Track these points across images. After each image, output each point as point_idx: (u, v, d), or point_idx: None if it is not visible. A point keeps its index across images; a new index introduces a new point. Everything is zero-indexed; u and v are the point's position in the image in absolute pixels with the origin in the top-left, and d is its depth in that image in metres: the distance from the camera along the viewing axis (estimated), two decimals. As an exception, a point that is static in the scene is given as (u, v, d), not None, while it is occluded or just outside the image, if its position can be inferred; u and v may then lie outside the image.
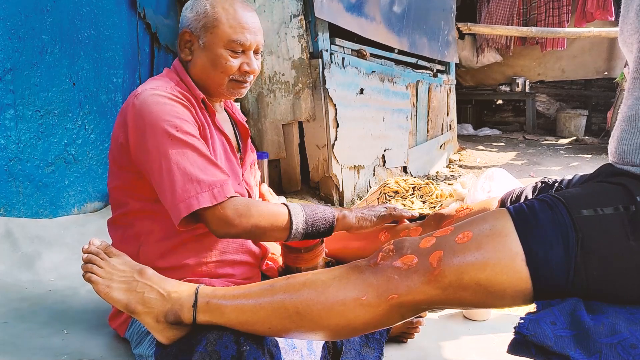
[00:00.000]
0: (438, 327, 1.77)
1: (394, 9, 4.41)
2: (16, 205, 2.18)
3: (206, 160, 1.21)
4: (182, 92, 1.30)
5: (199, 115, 1.31)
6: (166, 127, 1.20)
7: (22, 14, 2.15)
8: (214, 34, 1.32)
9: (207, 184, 1.18)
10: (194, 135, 1.23)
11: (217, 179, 1.19)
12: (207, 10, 1.32)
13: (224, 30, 1.32)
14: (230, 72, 1.34)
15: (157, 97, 1.24)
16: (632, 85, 1.04)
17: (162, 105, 1.23)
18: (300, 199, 3.42)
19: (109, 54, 2.58)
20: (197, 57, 1.35)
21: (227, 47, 1.32)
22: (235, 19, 1.33)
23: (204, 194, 1.17)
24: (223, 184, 1.19)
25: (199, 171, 1.19)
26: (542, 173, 5.64)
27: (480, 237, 0.97)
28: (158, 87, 1.28)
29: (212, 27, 1.32)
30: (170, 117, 1.21)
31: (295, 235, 1.26)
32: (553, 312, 0.89)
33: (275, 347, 1.11)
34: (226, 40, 1.32)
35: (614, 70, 8.50)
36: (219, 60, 1.33)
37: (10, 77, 2.12)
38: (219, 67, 1.33)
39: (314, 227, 1.28)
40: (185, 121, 1.23)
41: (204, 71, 1.35)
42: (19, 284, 1.83)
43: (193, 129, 1.24)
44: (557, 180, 1.34)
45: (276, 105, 3.40)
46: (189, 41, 1.36)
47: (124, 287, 1.11)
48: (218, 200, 1.17)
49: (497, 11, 8.30)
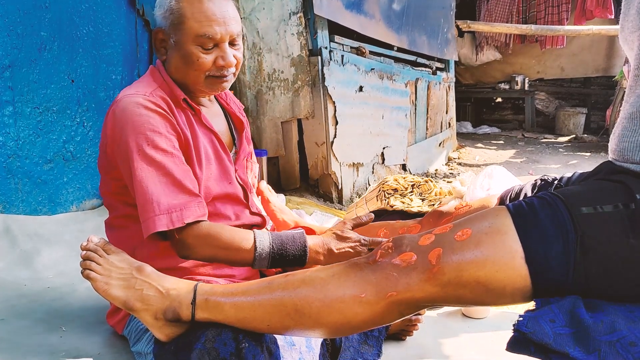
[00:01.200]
0: (437, 324, 1.77)
1: (394, 7, 4.41)
2: (15, 202, 2.18)
3: (170, 180, 1.18)
4: (163, 97, 1.27)
5: (178, 120, 1.28)
6: (138, 141, 1.19)
7: (21, 11, 2.14)
8: (181, 30, 1.25)
9: (166, 207, 1.15)
10: (165, 150, 1.20)
11: (178, 202, 1.16)
12: (172, 6, 1.26)
13: (190, 26, 1.24)
14: (205, 69, 1.28)
15: (135, 106, 1.22)
16: (634, 82, 1.03)
17: (138, 117, 1.21)
18: (299, 197, 3.42)
19: (108, 51, 2.57)
20: (171, 56, 1.31)
21: (197, 42, 1.25)
22: (201, 11, 1.25)
23: (161, 216, 1.15)
24: (184, 207, 1.17)
25: (161, 192, 1.16)
26: (541, 171, 5.64)
27: (480, 235, 0.97)
28: (138, 93, 1.25)
29: (179, 24, 1.25)
30: (143, 130, 1.20)
31: (259, 265, 1.22)
32: (552, 309, 0.89)
33: (274, 344, 1.11)
34: (194, 35, 1.25)
35: (613, 68, 8.50)
36: (191, 58, 1.26)
37: (9, 74, 2.11)
38: (192, 65, 1.27)
39: (281, 258, 1.22)
40: (158, 134, 1.20)
41: (178, 70, 1.31)
42: (18, 281, 1.83)
43: (166, 143, 1.21)
44: (557, 177, 1.34)
45: (275, 102, 3.39)
46: (163, 40, 1.31)
47: (123, 284, 1.11)
48: (175, 225, 1.15)
49: (497, 9, 8.29)
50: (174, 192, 1.17)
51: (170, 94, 1.32)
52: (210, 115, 1.42)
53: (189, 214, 1.17)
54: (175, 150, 1.23)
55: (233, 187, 1.39)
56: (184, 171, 1.22)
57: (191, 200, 1.19)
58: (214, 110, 1.46)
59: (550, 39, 7.86)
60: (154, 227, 1.15)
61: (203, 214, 1.22)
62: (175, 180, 1.19)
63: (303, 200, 3.35)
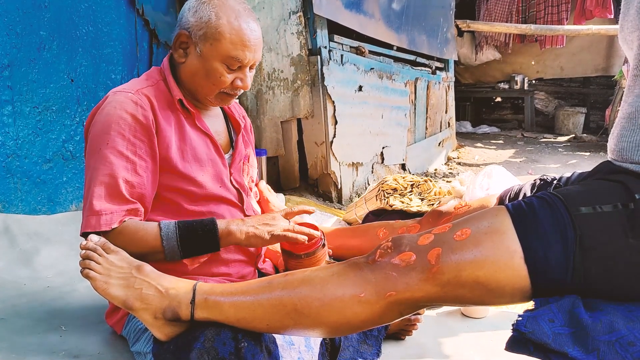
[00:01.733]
0: (436, 324, 1.77)
1: (393, 6, 4.41)
2: (14, 202, 2.18)
3: (113, 183, 1.20)
4: (149, 96, 1.29)
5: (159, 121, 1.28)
6: (100, 141, 1.22)
7: (20, 10, 2.14)
8: (213, 46, 1.28)
9: (98, 209, 1.19)
10: (121, 153, 1.22)
11: (110, 207, 1.19)
12: (211, 20, 1.27)
13: (224, 45, 1.27)
14: (222, 86, 1.32)
15: (113, 105, 1.25)
16: (632, 82, 1.03)
17: (110, 116, 1.24)
18: (298, 196, 3.42)
19: (108, 50, 2.57)
20: (190, 62, 1.32)
21: (225, 62, 1.29)
22: (238, 35, 1.28)
23: (91, 217, 1.19)
24: (114, 212, 1.20)
25: (100, 193, 1.20)
26: (540, 170, 5.64)
27: (479, 235, 0.97)
28: (123, 90, 1.28)
29: (212, 39, 1.28)
30: (109, 130, 1.23)
31: (170, 253, 1.22)
32: (551, 309, 0.89)
33: (273, 343, 1.11)
34: (225, 55, 1.28)
35: (612, 68, 8.50)
36: (214, 73, 1.30)
37: (8, 73, 2.11)
38: (211, 79, 1.31)
39: (191, 243, 1.23)
40: (121, 136, 1.23)
41: (194, 78, 1.33)
42: (17, 280, 1.83)
43: (126, 147, 1.23)
44: (556, 177, 1.34)
45: (275, 102, 3.39)
46: (185, 43, 1.32)
47: (122, 283, 1.11)
48: (102, 228, 1.18)
49: (496, 8, 8.29)
50: (111, 195, 1.20)
51: (166, 94, 1.33)
52: (208, 117, 1.43)
53: (117, 219, 1.20)
54: (133, 155, 1.24)
55: (226, 190, 1.39)
56: (130, 177, 1.23)
57: (123, 208, 1.21)
58: (212, 111, 1.46)
59: (549, 39, 7.86)
60: (83, 227, 1.20)
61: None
62: (117, 184, 1.21)
63: (302, 199, 3.35)
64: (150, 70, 1.40)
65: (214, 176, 1.37)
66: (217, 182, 1.37)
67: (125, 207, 1.21)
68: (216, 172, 1.37)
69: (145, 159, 1.26)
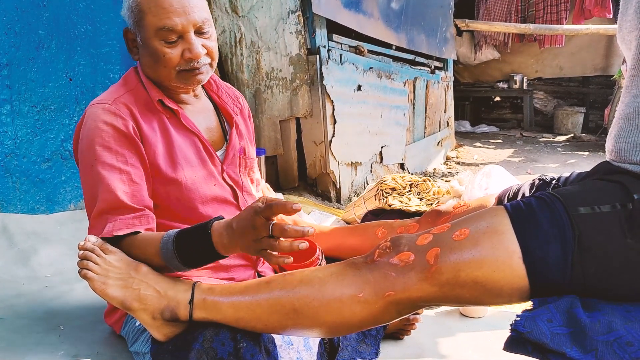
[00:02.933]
0: (435, 324, 1.77)
1: (392, 5, 4.41)
2: (12, 201, 2.18)
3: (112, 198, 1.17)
4: (127, 104, 1.24)
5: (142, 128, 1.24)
6: (89, 158, 1.21)
7: (19, 9, 2.14)
8: (143, 27, 1.20)
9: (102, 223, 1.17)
10: (113, 166, 1.19)
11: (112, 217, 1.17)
12: (131, 3, 1.22)
13: (149, 21, 1.19)
14: (173, 64, 1.22)
15: (92, 119, 1.22)
16: (630, 82, 1.03)
17: (92, 131, 1.21)
18: (297, 196, 3.42)
19: (106, 49, 2.57)
20: (141, 56, 1.27)
21: (159, 37, 1.20)
22: (157, 4, 1.18)
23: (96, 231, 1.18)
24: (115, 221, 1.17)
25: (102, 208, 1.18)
26: (539, 170, 5.65)
27: (477, 235, 0.97)
28: (101, 102, 1.25)
29: (140, 20, 1.21)
30: (94, 145, 1.20)
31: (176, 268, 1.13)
32: (549, 309, 0.89)
33: (272, 343, 1.11)
34: (154, 30, 1.19)
35: (611, 67, 8.51)
36: (157, 54, 1.21)
37: (7, 72, 2.11)
38: (160, 62, 1.22)
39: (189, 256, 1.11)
40: (107, 149, 1.20)
41: (150, 69, 1.26)
42: (15, 280, 1.83)
43: (115, 159, 1.20)
44: (555, 177, 1.34)
45: (273, 101, 3.39)
46: (133, 40, 1.27)
47: (120, 283, 1.11)
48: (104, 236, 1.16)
49: (495, 8, 8.29)
50: (115, 209, 1.18)
51: (145, 97, 1.28)
52: (196, 113, 1.37)
53: (122, 226, 1.16)
54: (124, 165, 1.21)
55: (220, 188, 1.35)
56: (127, 187, 1.20)
57: (129, 216, 1.18)
58: (200, 106, 1.40)
59: (548, 38, 7.86)
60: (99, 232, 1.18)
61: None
62: (116, 198, 1.18)
63: (301, 199, 3.35)
64: (128, 73, 1.33)
65: (206, 176, 1.32)
66: (211, 181, 1.33)
67: (131, 215, 1.18)
68: (208, 172, 1.33)
69: (137, 166, 1.23)
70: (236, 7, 3.15)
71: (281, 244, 1.02)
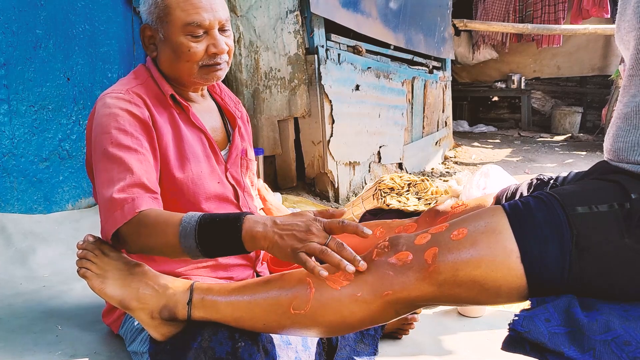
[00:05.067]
0: (433, 323, 1.77)
1: (390, 5, 4.41)
2: (10, 201, 2.17)
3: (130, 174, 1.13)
4: (140, 94, 1.26)
5: (156, 118, 1.25)
6: (104, 142, 1.17)
7: (16, 8, 2.13)
8: (169, 22, 1.24)
9: (120, 201, 1.10)
10: (129, 147, 1.17)
11: (131, 196, 1.10)
12: (157, 0, 1.26)
13: (177, 16, 1.23)
14: (197, 58, 1.26)
15: (106, 106, 1.21)
16: (628, 82, 1.04)
17: (106, 116, 1.20)
18: (295, 195, 3.42)
19: (104, 48, 2.57)
20: (161, 52, 1.30)
21: (186, 32, 1.24)
22: (186, 0, 1.24)
23: (116, 213, 1.09)
24: (135, 199, 1.10)
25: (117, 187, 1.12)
26: (537, 170, 5.65)
27: (475, 234, 0.97)
28: (114, 91, 1.25)
29: (165, 16, 1.24)
30: (109, 129, 1.18)
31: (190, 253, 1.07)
32: (547, 309, 0.89)
33: (270, 343, 1.11)
34: (181, 25, 1.23)
35: (609, 67, 8.52)
36: (181, 49, 1.25)
37: (4, 71, 2.10)
38: (183, 57, 1.25)
39: (212, 225, 1.05)
40: (123, 132, 1.18)
41: (171, 64, 1.29)
42: (13, 279, 1.82)
43: (130, 141, 1.18)
44: (552, 177, 1.35)
45: (272, 101, 3.39)
46: (151, 36, 1.31)
47: (119, 282, 1.11)
48: (127, 217, 1.08)
49: (493, 8, 8.31)
50: (131, 185, 1.12)
51: (155, 91, 1.31)
52: (202, 112, 1.40)
53: (142, 203, 1.11)
54: (142, 148, 1.19)
55: (222, 186, 1.36)
56: (145, 168, 1.18)
57: (144, 194, 1.13)
58: (206, 106, 1.43)
59: (546, 38, 7.88)
60: (111, 226, 1.10)
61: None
62: (135, 176, 1.14)
63: (300, 199, 3.35)
64: (137, 69, 1.37)
65: (210, 173, 1.35)
66: (214, 179, 1.35)
67: (148, 194, 1.13)
68: (212, 169, 1.35)
69: (149, 152, 1.22)
70: (235, 6, 3.15)
71: (330, 256, 1.00)
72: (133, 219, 1.08)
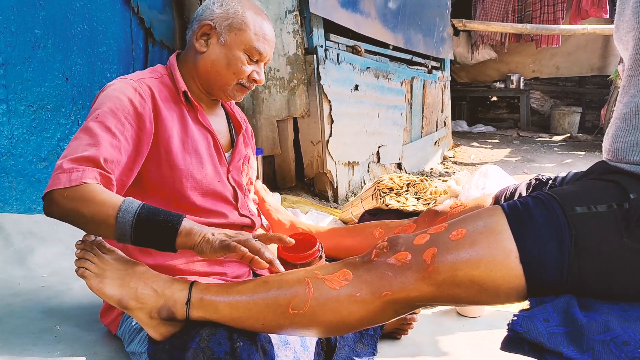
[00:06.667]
0: (432, 323, 1.77)
1: (389, 5, 4.41)
2: (9, 201, 2.17)
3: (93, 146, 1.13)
4: (150, 85, 1.31)
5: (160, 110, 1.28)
6: (93, 113, 1.21)
7: (15, 8, 2.13)
8: (238, 35, 1.35)
9: (69, 167, 1.09)
10: (109, 129, 1.17)
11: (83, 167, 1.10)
12: (238, 11, 1.36)
13: (249, 35, 1.35)
14: (241, 76, 1.37)
15: (112, 87, 1.26)
16: (627, 82, 1.04)
17: (107, 96, 1.24)
18: (294, 195, 3.42)
19: (103, 49, 2.56)
20: (212, 52, 1.37)
21: (247, 51, 1.36)
22: (261, 28, 1.37)
23: (62, 175, 1.09)
24: (85, 170, 1.10)
25: (75, 151, 1.12)
26: (536, 170, 5.66)
27: (474, 234, 0.97)
28: (126, 77, 1.31)
29: (237, 29, 1.35)
30: (104, 106, 1.21)
31: (120, 229, 1.07)
32: (546, 309, 0.89)
33: (269, 343, 1.11)
34: (248, 45, 1.35)
35: (608, 67, 8.53)
36: (235, 62, 1.35)
37: (3, 71, 2.10)
38: (232, 68, 1.36)
39: (147, 230, 1.07)
40: (113, 114, 1.20)
41: (214, 67, 1.37)
42: (12, 279, 1.82)
43: (114, 125, 1.18)
44: (551, 177, 1.35)
45: (271, 101, 3.39)
46: (207, 34, 1.37)
47: (117, 282, 1.11)
48: (72, 183, 1.08)
49: (492, 8, 8.31)
50: (88, 160, 1.12)
51: (170, 87, 1.36)
52: (211, 114, 1.46)
53: (90, 176, 1.10)
54: (121, 135, 1.20)
55: (222, 186, 1.41)
56: (112, 152, 1.17)
57: (94, 170, 1.12)
58: (215, 109, 1.50)
59: (545, 38, 7.88)
60: (49, 186, 1.09)
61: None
62: (97, 154, 1.13)
63: (298, 199, 3.35)
64: (155, 66, 1.43)
65: (212, 172, 1.39)
66: (215, 177, 1.39)
67: (99, 170, 1.13)
68: (215, 168, 1.39)
69: (130, 143, 1.23)
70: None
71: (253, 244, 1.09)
72: (75, 187, 1.08)
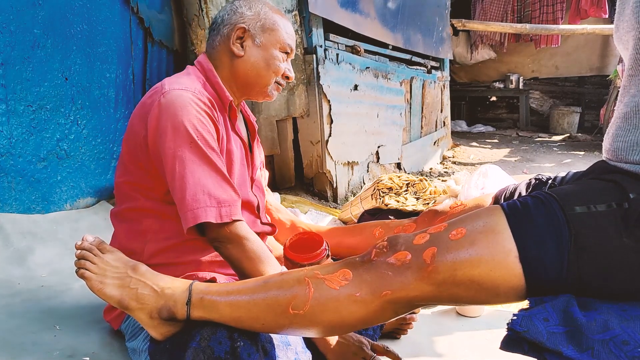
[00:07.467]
0: (431, 323, 1.77)
1: (389, 5, 4.41)
2: (8, 201, 2.17)
3: (221, 176, 1.22)
4: (209, 98, 1.30)
5: (219, 122, 1.31)
6: (190, 132, 1.20)
7: (14, 8, 2.13)
8: (272, 35, 1.40)
9: (217, 200, 1.18)
10: (214, 149, 1.24)
11: (228, 198, 1.20)
12: (267, 13, 1.41)
13: (281, 34, 1.41)
14: (279, 74, 1.41)
15: (185, 99, 1.23)
16: (627, 82, 1.04)
17: (189, 108, 1.22)
18: (294, 195, 3.42)
19: (102, 48, 2.56)
20: (250, 54, 1.39)
21: (282, 49, 1.41)
22: (287, 28, 1.43)
23: (212, 208, 1.17)
24: (232, 204, 1.20)
25: (212, 185, 1.19)
26: (535, 170, 5.66)
27: (474, 234, 0.97)
28: (187, 87, 1.27)
29: (270, 30, 1.40)
30: (195, 123, 1.21)
31: None
32: (546, 308, 0.89)
33: (270, 343, 1.11)
34: (282, 43, 1.41)
35: (607, 67, 8.54)
36: (273, 61, 1.39)
37: (2, 71, 2.10)
38: (271, 67, 1.40)
39: None
40: (208, 132, 1.24)
41: (255, 68, 1.39)
42: (11, 279, 1.82)
43: (213, 142, 1.25)
44: (551, 177, 1.35)
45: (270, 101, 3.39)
46: (241, 37, 1.39)
47: (118, 283, 1.11)
48: (223, 219, 1.18)
49: (492, 8, 8.31)
50: (223, 187, 1.21)
51: (213, 95, 1.35)
52: (238, 122, 1.48)
53: (237, 211, 1.21)
54: (219, 150, 1.27)
55: (251, 196, 1.44)
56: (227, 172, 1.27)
57: (238, 199, 1.23)
58: (239, 116, 1.51)
59: (544, 38, 7.89)
60: (204, 217, 1.16)
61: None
62: (225, 177, 1.23)
63: (298, 198, 3.35)
64: (191, 70, 1.41)
65: (245, 181, 1.42)
66: (246, 187, 1.42)
67: (238, 199, 1.23)
68: (243, 177, 1.41)
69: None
70: (233, 6, 3.14)
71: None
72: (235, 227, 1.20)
